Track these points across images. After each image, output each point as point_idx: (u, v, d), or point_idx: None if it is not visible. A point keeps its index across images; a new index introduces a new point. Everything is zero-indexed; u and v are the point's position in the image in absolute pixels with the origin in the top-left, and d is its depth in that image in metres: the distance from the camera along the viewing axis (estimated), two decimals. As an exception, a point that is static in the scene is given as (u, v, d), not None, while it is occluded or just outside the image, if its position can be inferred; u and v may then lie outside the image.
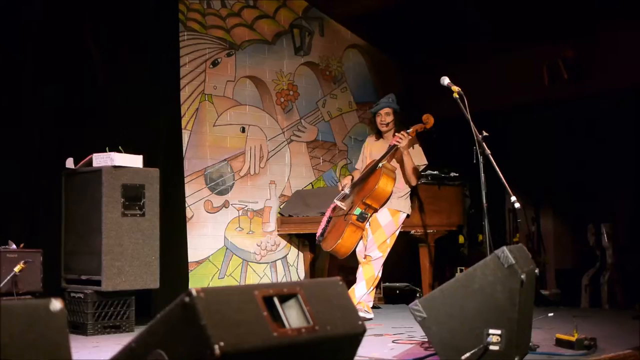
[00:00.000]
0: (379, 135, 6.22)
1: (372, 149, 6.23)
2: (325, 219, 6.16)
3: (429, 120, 5.88)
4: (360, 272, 5.90)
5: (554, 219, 8.07)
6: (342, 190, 6.08)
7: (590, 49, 6.97)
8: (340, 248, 5.86)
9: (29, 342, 2.03)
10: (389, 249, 5.94)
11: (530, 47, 7.31)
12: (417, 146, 6.05)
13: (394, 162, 6.02)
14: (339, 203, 6.03)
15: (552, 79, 7.17)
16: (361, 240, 5.94)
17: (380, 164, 5.89)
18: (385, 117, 6.11)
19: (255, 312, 2.46)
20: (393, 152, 5.93)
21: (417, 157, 6.01)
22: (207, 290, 2.36)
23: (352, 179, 6.19)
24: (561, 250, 7.99)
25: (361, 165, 6.32)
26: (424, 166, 6.11)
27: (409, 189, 6.09)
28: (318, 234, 6.14)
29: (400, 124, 6.10)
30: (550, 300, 7.34)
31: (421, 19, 7.57)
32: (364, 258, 5.93)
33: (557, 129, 7.81)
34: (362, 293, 5.82)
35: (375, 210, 5.90)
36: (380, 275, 5.95)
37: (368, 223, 5.90)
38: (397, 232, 6.00)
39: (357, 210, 5.85)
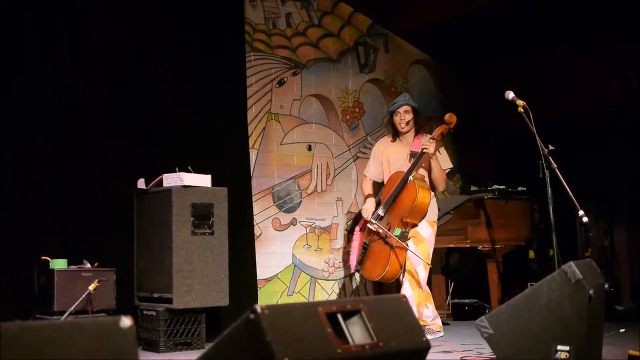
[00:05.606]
0: (395, 136, 5.89)
1: (390, 154, 5.88)
2: (358, 244, 5.84)
3: (452, 119, 5.59)
4: (415, 295, 5.51)
5: (627, 232, 7.88)
6: (367, 218, 5.73)
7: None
8: (388, 275, 5.54)
9: (99, 358, 2.10)
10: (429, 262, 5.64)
11: (597, 56, 7.20)
12: (442, 149, 5.83)
13: (421, 171, 5.66)
14: (373, 227, 5.66)
15: (620, 88, 7.05)
16: None
17: (410, 177, 5.55)
18: (404, 115, 5.75)
19: (319, 328, 2.49)
20: (420, 160, 5.58)
21: (443, 161, 5.74)
22: (271, 307, 2.40)
23: (370, 196, 5.88)
24: (636, 263, 7.79)
25: (374, 172, 6.00)
26: (449, 169, 5.91)
27: (434, 195, 5.79)
28: (355, 263, 5.81)
29: (421, 123, 5.86)
30: (626, 315, 7.15)
31: (483, 31, 7.53)
32: (410, 276, 5.57)
33: (627, 138, 7.64)
34: (428, 314, 5.62)
35: (415, 225, 5.61)
36: (428, 289, 5.70)
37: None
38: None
39: (397, 231, 5.50)
